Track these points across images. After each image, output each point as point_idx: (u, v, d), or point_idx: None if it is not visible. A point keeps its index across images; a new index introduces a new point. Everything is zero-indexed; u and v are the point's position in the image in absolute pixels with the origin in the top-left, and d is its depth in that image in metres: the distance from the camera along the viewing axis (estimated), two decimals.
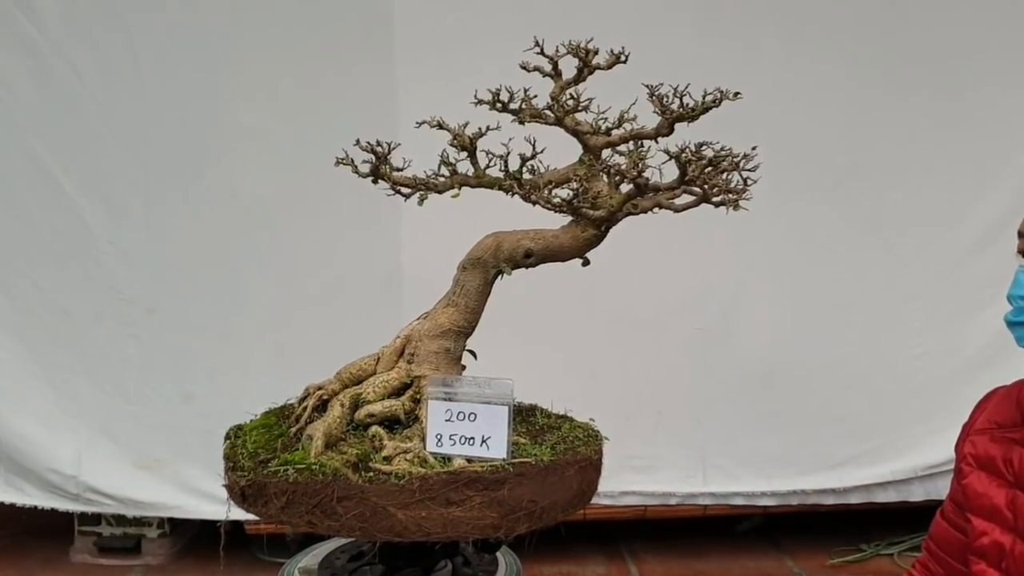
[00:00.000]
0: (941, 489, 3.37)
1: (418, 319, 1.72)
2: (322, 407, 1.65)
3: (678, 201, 1.62)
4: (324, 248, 3.39)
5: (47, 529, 3.72)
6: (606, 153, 1.64)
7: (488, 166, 1.65)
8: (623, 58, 1.62)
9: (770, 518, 3.70)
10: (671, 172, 1.55)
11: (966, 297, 3.50)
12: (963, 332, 3.51)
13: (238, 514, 1.61)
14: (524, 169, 1.62)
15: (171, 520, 3.60)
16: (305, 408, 1.65)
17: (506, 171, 1.63)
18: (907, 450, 3.50)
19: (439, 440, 1.52)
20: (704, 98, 1.52)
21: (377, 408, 1.61)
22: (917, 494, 3.54)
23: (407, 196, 1.68)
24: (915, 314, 3.53)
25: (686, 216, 1.64)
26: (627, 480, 3.44)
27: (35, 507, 3.45)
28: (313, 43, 3.30)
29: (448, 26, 3.31)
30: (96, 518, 3.59)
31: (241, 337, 3.41)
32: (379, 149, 1.64)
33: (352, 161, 1.67)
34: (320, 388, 1.69)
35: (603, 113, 1.62)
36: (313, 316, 3.36)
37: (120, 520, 3.58)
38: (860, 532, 3.78)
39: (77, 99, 3.28)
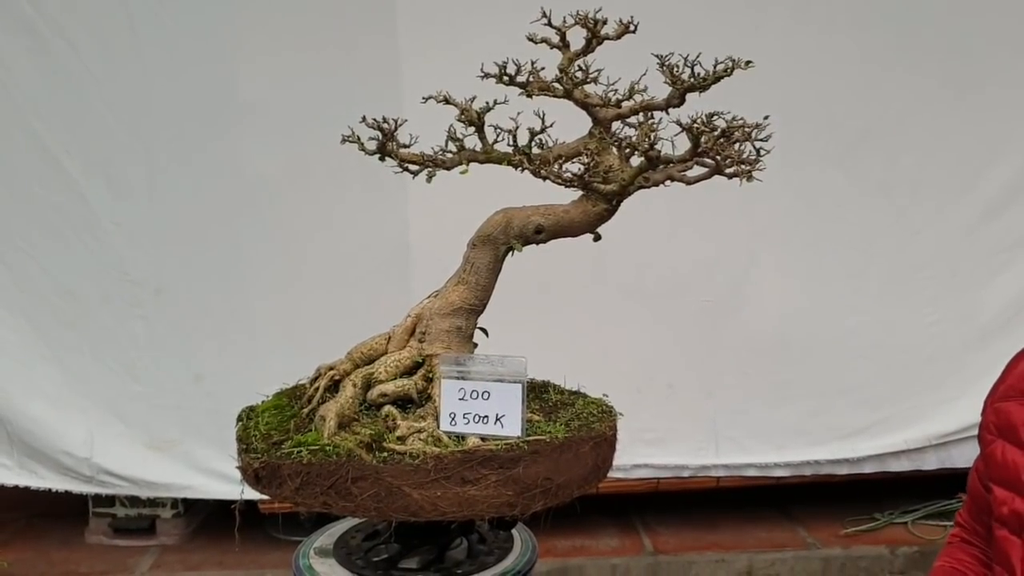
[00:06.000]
0: (955, 457, 3.41)
1: (428, 297, 1.70)
2: (334, 387, 1.64)
3: (689, 173, 1.59)
4: (331, 225, 3.38)
5: (62, 511, 3.73)
6: (616, 126, 1.61)
7: (496, 141, 1.61)
8: (632, 28, 1.58)
9: (783, 489, 3.69)
10: (682, 144, 1.52)
11: (978, 264, 3.49)
12: (976, 299, 3.50)
13: (252, 493, 1.60)
14: (533, 143, 1.59)
15: (185, 500, 3.62)
16: (317, 389, 1.64)
17: (515, 146, 1.60)
18: (920, 419, 3.50)
19: (453, 419, 1.51)
20: (715, 67, 1.48)
21: (389, 388, 1.59)
22: (931, 463, 3.53)
23: (415, 173, 1.66)
24: (927, 282, 3.51)
25: (694, 187, 1.61)
26: (639, 453, 3.44)
27: (49, 490, 3.46)
28: (314, 15, 3.25)
29: None
30: (110, 499, 3.60)
31: (249, 316, 3.41)
32: (386, 126, 1.61)
33: (358, 138, 1.64)
34: (331, 368, 1.67)
35: (613, 85, 1.58)
36: (320, 295, 3.35)
37: (134, 501, 3.60)
38: (873, 501, 3.78)
39: (76, 78, 3.24)
